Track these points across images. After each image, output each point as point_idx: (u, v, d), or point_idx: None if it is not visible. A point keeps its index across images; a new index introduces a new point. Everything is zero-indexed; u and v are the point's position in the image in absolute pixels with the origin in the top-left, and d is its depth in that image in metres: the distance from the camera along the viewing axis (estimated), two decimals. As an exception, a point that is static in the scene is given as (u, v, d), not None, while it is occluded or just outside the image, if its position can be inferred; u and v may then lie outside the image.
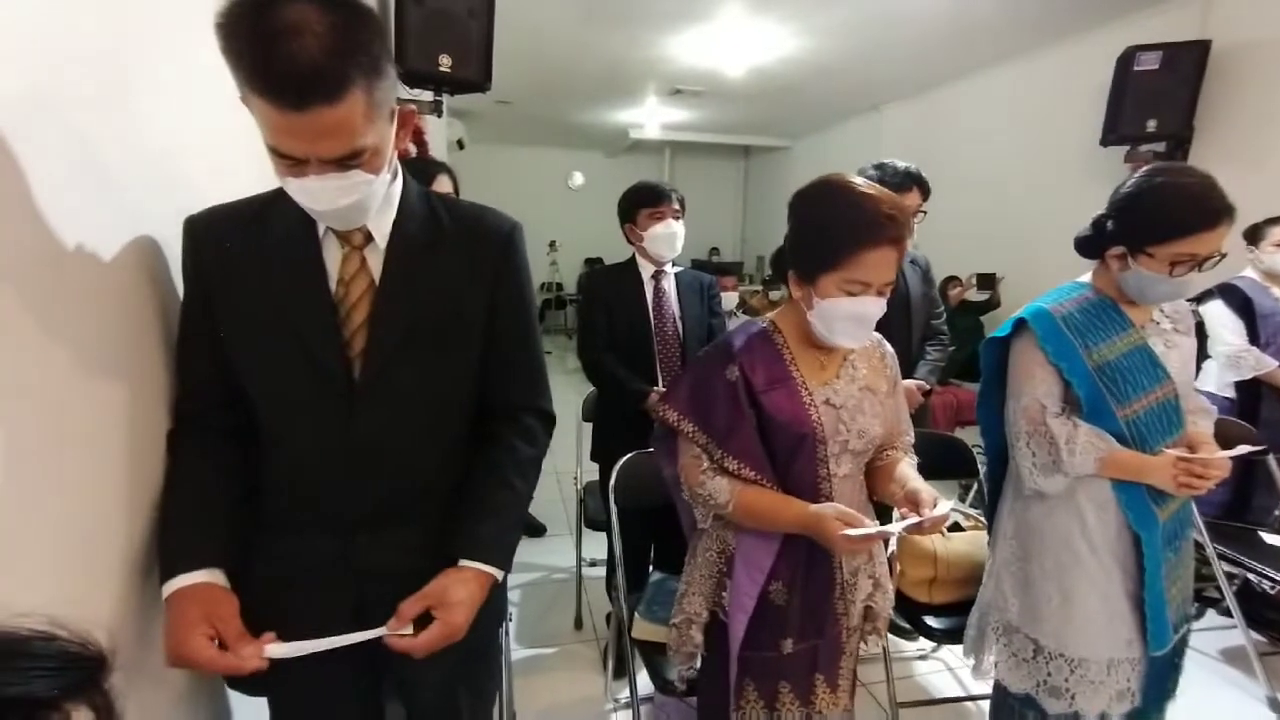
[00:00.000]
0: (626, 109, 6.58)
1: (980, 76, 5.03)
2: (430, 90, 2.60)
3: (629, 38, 4.32)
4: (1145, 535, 1.21)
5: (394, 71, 0.75)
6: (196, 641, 0.70)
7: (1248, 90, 3.26)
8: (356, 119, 0.67)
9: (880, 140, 6.06)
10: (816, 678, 1.10)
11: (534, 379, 0.94)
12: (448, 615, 0.77)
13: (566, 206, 8.89)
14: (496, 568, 0.83)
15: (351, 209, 0.74)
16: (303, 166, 0.69)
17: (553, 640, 2.17)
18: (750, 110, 6.44)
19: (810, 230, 0.99)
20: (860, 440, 1.04)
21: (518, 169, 9.05)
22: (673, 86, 5.51)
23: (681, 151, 8.90)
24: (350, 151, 0.68)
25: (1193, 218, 1.13)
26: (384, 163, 0.74)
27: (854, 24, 3.95)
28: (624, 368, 1.82)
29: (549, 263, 8.20)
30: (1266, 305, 2.45)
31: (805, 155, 7.81)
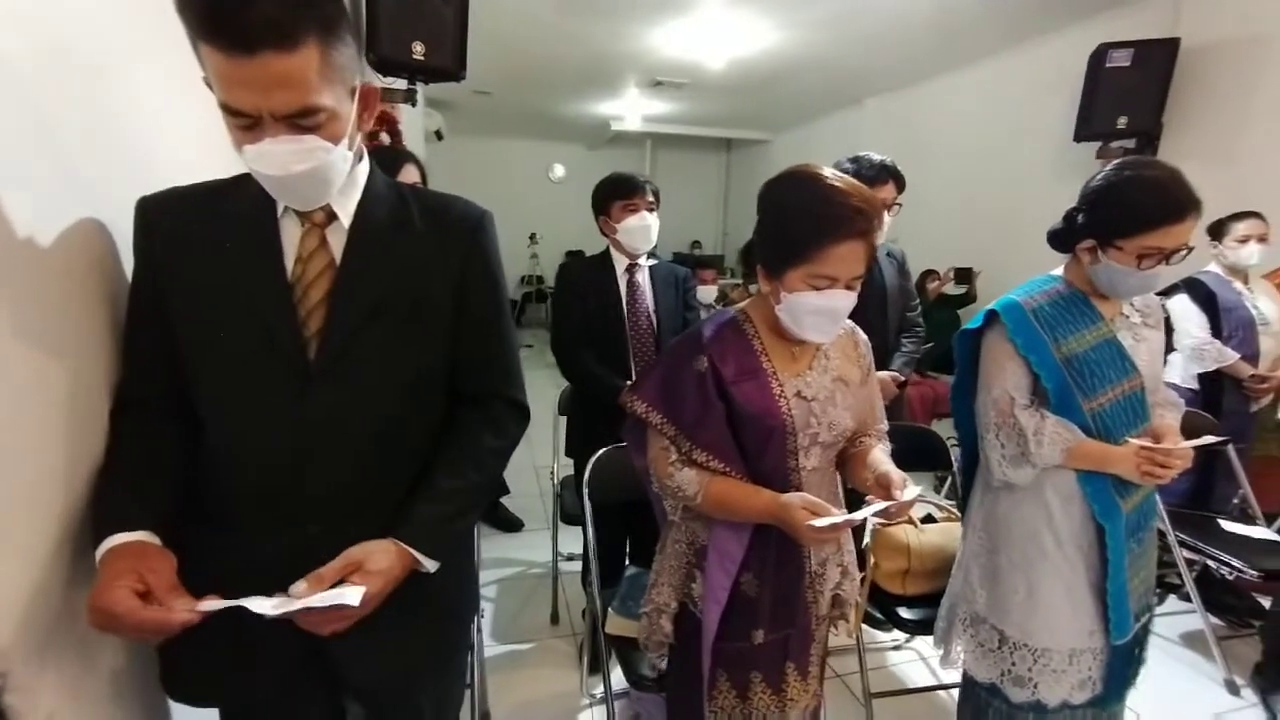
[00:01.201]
0: (607, 101, 6.53)
1: (958, 72, 5.07)
2: (404, 78, 2.54)
3: (609, 29, 4.28)
4: (1109, 527, 1.22)
5: (356, 44, 0.74)
6: (117, 592, 0.65)
7: (1216, 88, 3.33)
8: (310, 74, 0.66)
9: (861, 134, 6.09)
10: (788, 666, 1.10)
11: (505, 368, 0.93)
12: (364, 581, 0.72)
13: (547, 199, 8.82)
14: (423, 553, 0.79)
15: (309, 180, 0.72)
16: (257, 130, 0.67)
17: (529, 636, 2.16)
18: (731, 103, 6.43)
19: (777, 223, 0.97)
20: (830, 433, 1.03)
21: (498, 161, 8.95)
22: (653, 78, 5.48)
23: (663, 144, 8.87)
24: (303, 108, 0.67)
25: (1159, 211, 1.14)
26: (343, 133, 0.72)
27: (833, 17, 3.95)
28: (598, 362, 1.81)
29: (529, 255, 8.13)
30: (1229, 299, 2.50)
31: (787, 148, 7.82)
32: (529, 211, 8.66)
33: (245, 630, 0.73)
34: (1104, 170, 1.24)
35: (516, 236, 8.61)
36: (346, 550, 0.74)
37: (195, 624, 0.68)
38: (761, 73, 5.16)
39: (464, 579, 0.98)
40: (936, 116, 5.37)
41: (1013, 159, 4.53)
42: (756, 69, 5.05)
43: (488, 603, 2.35)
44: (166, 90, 0.95)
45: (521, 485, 3.22)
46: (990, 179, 4.75)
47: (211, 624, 0.69)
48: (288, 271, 0.78)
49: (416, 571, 0.80)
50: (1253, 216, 2.51)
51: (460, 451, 0.86)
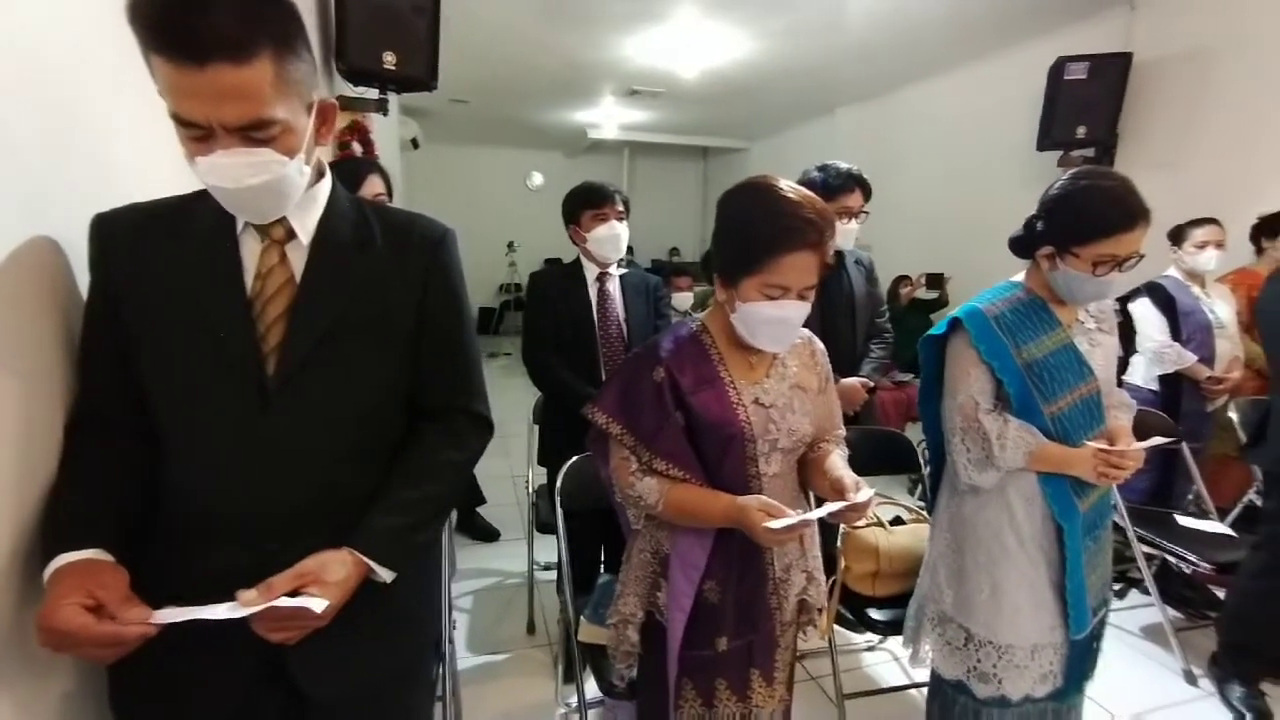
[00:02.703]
0: (584, 109, 6.56)
1: (925, 83, 5.19)
2: (375, 88, 2.54)
3: (584, 38, 4.31)
4: (1067, 526, 1.26)
5: (313, 60, 0.75)
6: (67, 610, 0.63)
7: (1166, 100, 3.45)
8: (263, 87, 0.66)
9: (834, 142, 6.19)
10: (752, 673, 1.11)
11: (466, 381, 0.93)
12: (323, 593, 0.71)
13: (526, 207, 8.82)
14: (378, 563, 0.78)
15: (263, 193, 0.72)
16: (209, 141, 0.67)
17: (505, 646, 2.14)
18: (707, 112, 6.49)
19: (732, 233, 0.99)
20: (790, 438, 1.05)
21: (476, 169, 8.94)
22: (629, 87, 5.52)
23: (641, 152, 8.92)
24: (256, 120, 0.67)
25: (1111, 220, 1.18)
26: (298, 147, 0.73)
27: (803, 29, 4.03)
28: (569, 370, 1.81)
29: (508, 264, 8.11)
30: (1187, 303, 2.59)
31: (763, 156, 7.92)
32: (507, 220, 8.65)
33: (199, 649, 0.72)
34: (1061, 180, 1.29)
35: (494, 245, 8.58)
36: (300, 562, 0.73)
37: (151, 638, 0.67)
38: (735, 82, 5.23)
39: (427, 590, 0.98)
40: (906, 126, 5.48)
41: (980, 167, 4.64)
42: (730, 78, 5.11)
43: (463, 614, 2.33)
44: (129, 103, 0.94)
45: (499, 495, 3.21)
46: (959, 186, 4.86)
47: (163, 644, 0.68)
48: (247, 287, 0.78)
49: (375, 582, 0.79)
50: (1210, 223, 2.60)
51: (420, 463, 0.86)
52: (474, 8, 3.70)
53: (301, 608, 0.69)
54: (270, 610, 0.69)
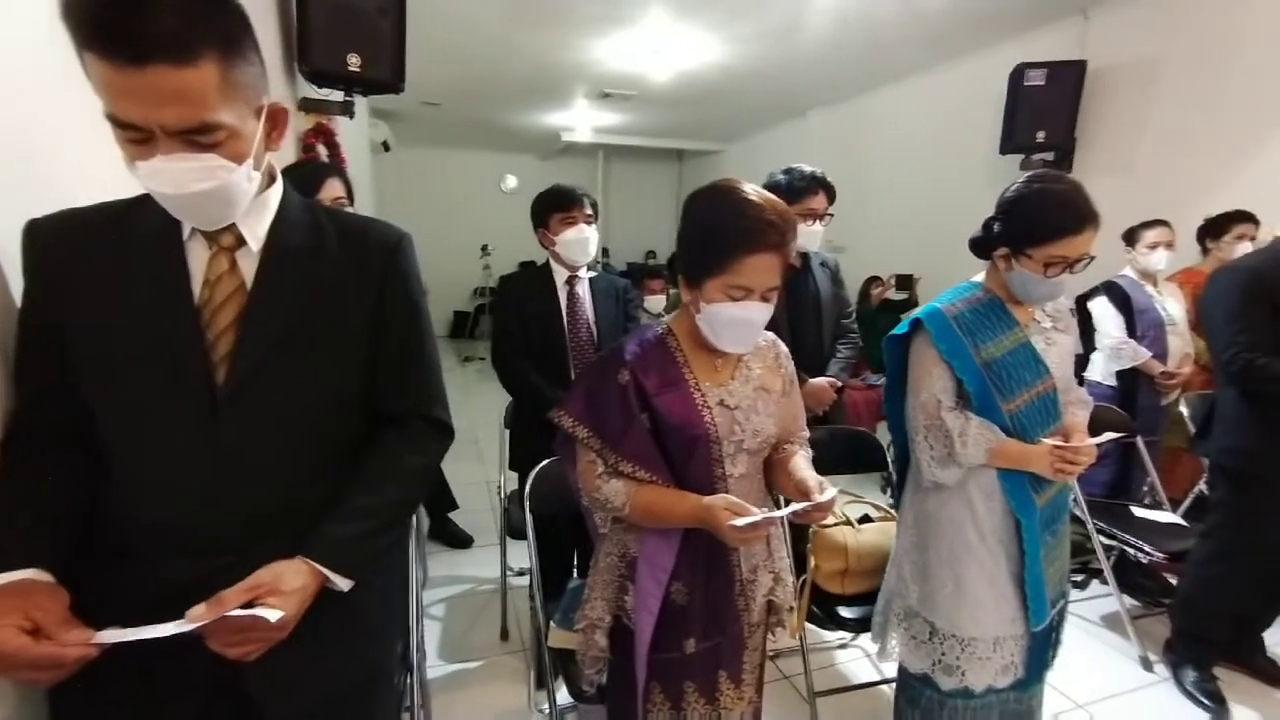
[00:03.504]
0: (557, 111, 6.54)
1: (895, 86, 5.29)
2: (340, 90, 2.50)
3: (555, 40, 4.31)
4: (1025, 521, 1.29)
5: (262, 63, 0.73)
6: (2, 632, 0.61)
7: (1118, 106, 3.57)
8: (208, 90, 0.64)
9: (806, 145, 6.27)
10: (720, 675, 1.11)
11: (425, 386, 0.92)
12: (280, 604, 0.69)
13: (499, 210, 8.76)
14: (334, 571, 0.77)
15: (210, 199, 0.70)
16: (148, 145, 0.65)
17: (478, 654, 2.12)
18: (681, 114, 6.53)
19: (695, 235, 1.00)
20: (755, 439, 1.06)
21: (448, 172, 8.86)
22: (601, 90, 5.52)
23: (615, 155, 8.93)
24: (200, 124, 0.65)
25: (1062, 223, 1.21)
26: (246, 153, 0.71)
27: (771, 32, 4.07)
28: (539, 374, 1.80)
29: (482, 267, 8.04)
30: (1142, 301, 2.68)
31: (737, 159, 7.99)
32: (481, 223, 8.59)
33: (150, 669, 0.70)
34: (1016, 183, 1.32)
35: (469, 248, 8.51)
36: (253, 576, 0.71)
37: (97, 659, 0.65)
38: (707, 85, 5.27)
39: (389, 598, 0.96)
40: (875, 129, 5.58)
41: (947, 169, 4.74)
42: (702, 81, 5.15)
43: (435, 622, 2.30)
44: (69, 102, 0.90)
45: (474, 500, 3.18)
46: (927, 188, 4.96)
47: (109, 665, 0.66)
48: (195, 295, 0.76)
49: (333, 592, 0.78)
50: (1160, 225, 2.69)
51: (378, 469, 0.85)
52: (441, 9, 3.67)
53: (256, 618, 0.67)
54: (223, 623, 0.67)
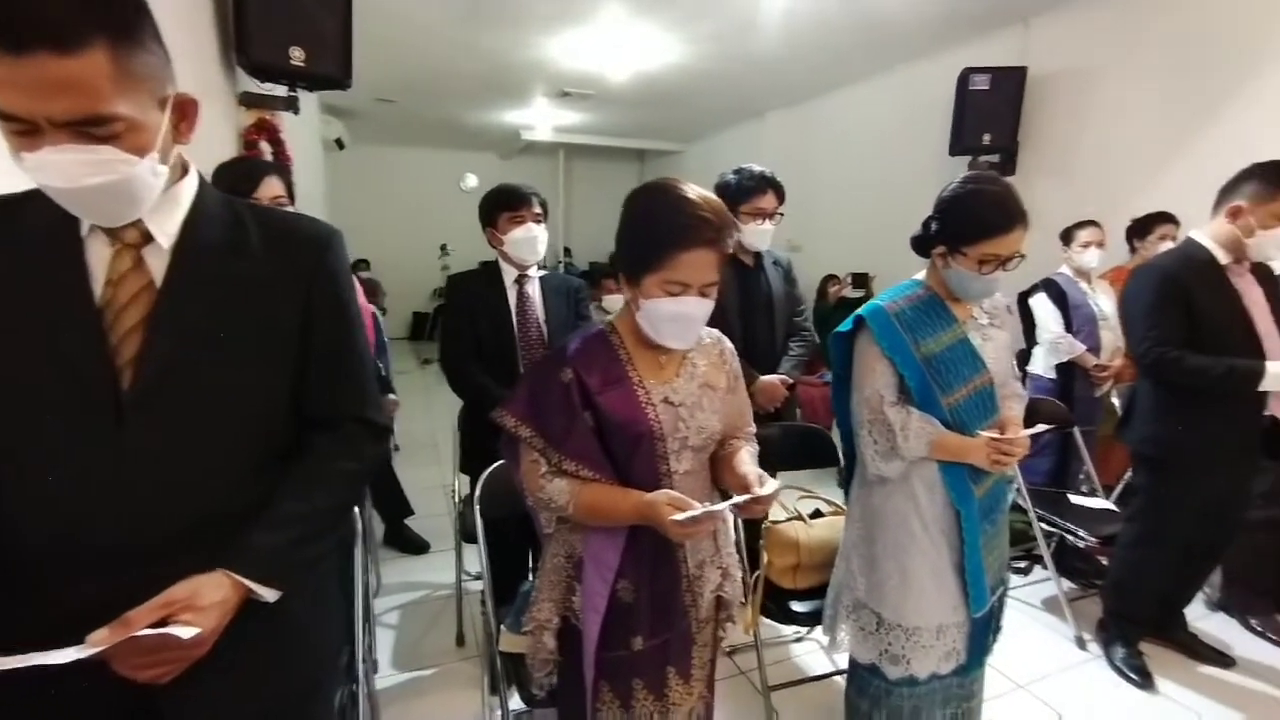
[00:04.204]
0: (516, 110, 6.48)
1: (850, 89, 5.40)
2: (284, 85, 2.42)
3: (511, 38, 4.26)
4: (964, 511, 1.33)
5: (164, 52, 0.70)
6: None
7: (1057, 111, 3.73)
8: (98, 80, 0.61)
9: (764, 146, 6.35)
10: (669, 671, 1.12)
11: (356, 390, 0.89)
12: (197, 620, 0.66)
13: (459, 209, 8.58)
14: (258, 582, 0.73)
15: (107, 194, 0.66)
16: (35, 137, 0.62)
17: (433, 661, 2.08)
18: (641, 114, 6.54)
19: (633, 231, 1.01)
20: (699, 436, 1.07)
21: (406, 170, 8.68)
22: (560, 89, 5.49)
23: (576, 154, 8.90)
24: (91, 115, 0.62)
25: (993, 221, 1.26)
26: (149, 146, 0.68)
27: (727, 33, 4.11)
28: (489, 375, 1.78)
29: (441, 267, 7.91)
30: (1077, 297, 2.80)
31: (697, 159, 8.04)
32: (440, 222, 8.44)
33: (51, 698, 0.66)
34: (952, 184, 1.36)
35: (427, 248, 8.37)
36: (166, 593, 0.68)
37: None
38: (665, 85, 5.29)
39: (323, 608, 0.93)
40: (831, 130, 5.69)
41: (900, 170, 4.87)
42: (660, 82, 5.17)
43: (388, 630, 2.24)
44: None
45: (432, 505, 3.12)
46: (882, 188, 5.08)
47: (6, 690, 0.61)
48: (95, 295, 0.72)
49: (259, 604, 0.75)
50: (1093, 225, 2.83)
51: (308, 474, 0.82)
52: (391, 5, 3.59)
53: (167, 637, 0.64)
54: (130, 645, 0.63)
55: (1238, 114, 3.01)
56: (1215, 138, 3.07)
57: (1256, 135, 2.89)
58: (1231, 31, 3.00)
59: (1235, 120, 3.02)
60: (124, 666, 0.65)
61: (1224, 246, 1.78)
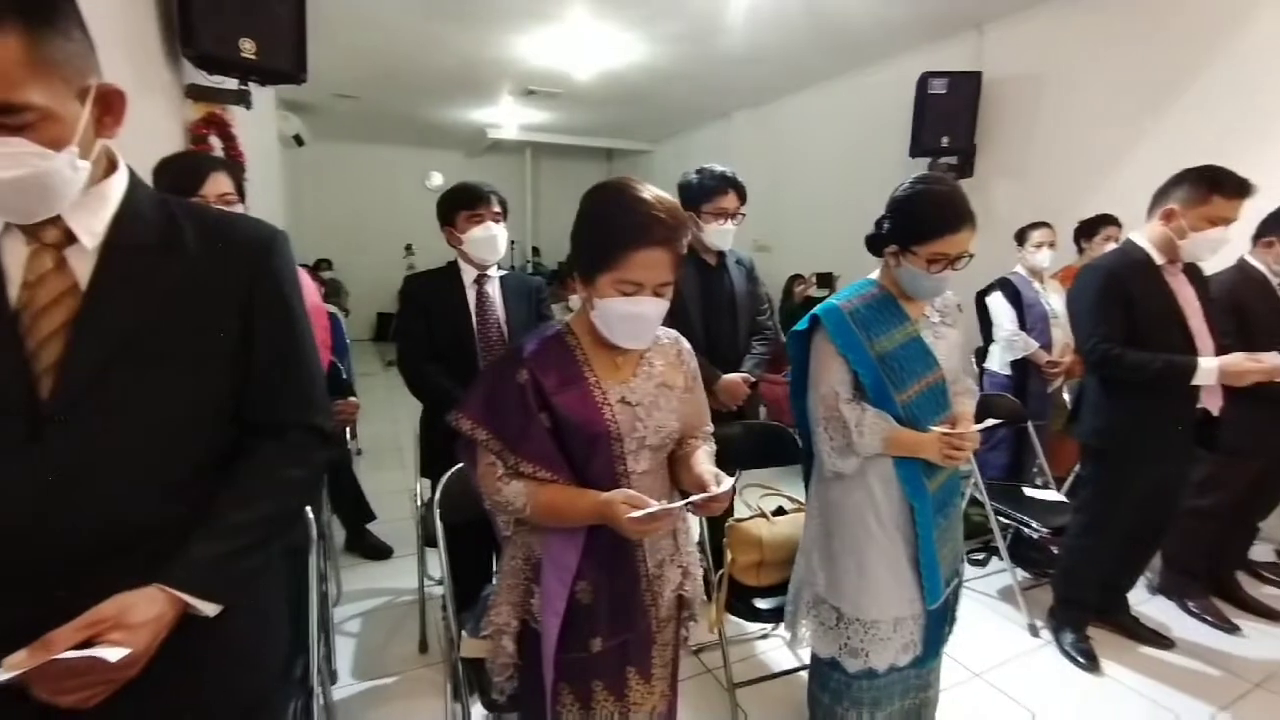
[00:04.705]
0: (482, 108, 6.41)
1: (815, 90, 5.48)
2: (234, 78, 2.34)
3: (476, 35, 4.21)
4: (918, 505, 1.36)
5: (87, 39, 0.66)
6: None
7: (1011, 115, 3.85)
8: (10, 67, 0.58)
9: (732, 145, 6.41)
10: (629, 671, 1.11)
11: (302, 395, 0.86)
12: (126, 640, 0.63)
13: (424, 208, 8.33)
14: (193, 594, 0.71)
15: (20, 190, 0.63)
16: None
17: (395, 668, 2.04)
18: (608, 113, 6.53)
19: (586, 231, 1.00)
20: (657, 436, 1.07)
21: (369, 168, 8.51)
22: (526, 87, 5.45)
23: (544, 153, 8.84)
24: (2, 104, 0.59)
25: (939, 222, 1.29)
26: (67, 138, 0.64)
27: (691, 34, 4.14)
28: (448, 377, 1.75)
29: (406, 267, 7.76)
30: (1030, 296, 2.90)
31: (666, 159, 8.07)
32: (405, 221, 8.30)
33: None
34: (903, 184, 1.39)
35: (392, 247, 8.22)
36: (93, 610, 0.65)
37: None
38: (632, 85, 5.29)
39: (270, 619, 0.90)
40: (797, 131, 5.77)
41: (863, 171, 4.96)
42: (626, 81, 5.17)
43: (350, 638, 2.19)
44: None
45: (397, 509, 3.05)
46: (847, 189, 5.18)
47: None
48: (11, 298, 0.68)
49: (199, 619, 0.72)
50: (1044, 226, 2.93)
51: (251, 482, 0.79)
52: None
53: (91, 658, 0.60)
54: (51, 668, 0.60)
55: (1177, 120, 3.16)
56: (1156, 143, 3.21)
57: (1196, 139, 3.03)
58: (1173, 42, 3.14)
59: (1174, 126, 3.16)
60: (46, 691, 0.62)
61: (1159, 248, 1.85)
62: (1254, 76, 2.89)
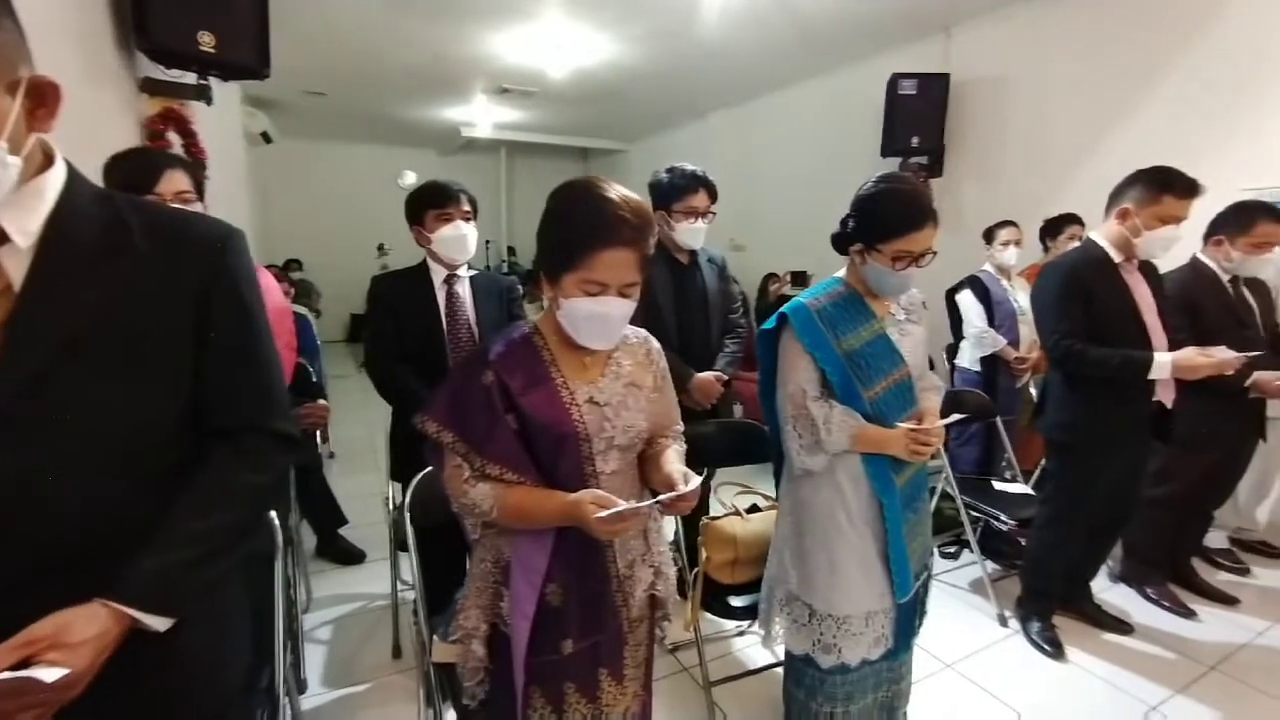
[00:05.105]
0: (456, 106, 6.33)
1: (790, 90, 5.52)
2: (192, 72, 2.27)
3: (447, 31, 4.15)
4: (887, 501, 1.37)
5: (17, 29, 0.64)
6: None
7: (979, 116, 3.93)
8: None
9: (708, 145, 6.42)
10: (601, 673, 1.11)
11: (262, 398, 0.84)
12: (65, 660, 0.61)
13: (398, 207, 8.18)
14: (141, 609, 0.68)
15: None
16: None
17: (368, 675, 2.00)
18: (583, 112, 6.50)
19: (552, 230, 0.99)
20: (626, 435, 1.06)
21: (341, 167, 8.37)
22: (500, 85, 5.39)
23: (519, 152, 8.78)
24: None
25: (902, 220, 1.30)
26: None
27: (664, 33, 4.13)
28: (417, 378, 1.72)
29: (379, 267, 7.64)
30: (998, 293, 2.95)
31: (642, 158, 8.06)
32: (377, 220, 8.16)
33: None
34: (868, 183, 1.40)
35: (364, 247, 8.08)
36: (28, 630, 0.62)
37: None
38: (605, 84, 5.28)
39: (227, 632, 0.87)
40: (772, 131, 5.81)
41: (837, 171, 5.00)
42: (600, 80, 5.15)
43: (320, 645, 2.15)
44: None
45: (372, 513, 3.00)
46: (821, 188, 5.22)
47: None
48: None
49: (148, 635, 0.70)
50: (1011, 225, 2.99)
51: (206, 489, 0.77)
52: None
53: (25, 679, 0.58)
54: None
55: (1135, 121, 3.25)
56: (1116, 143, 3.30)
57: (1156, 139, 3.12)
58: (1131, 46, 3.23)
59: (1133, 127, 3.25)
60: None
61: (1116, 246, 1.90)
62: (1210, 79, 2.98)
